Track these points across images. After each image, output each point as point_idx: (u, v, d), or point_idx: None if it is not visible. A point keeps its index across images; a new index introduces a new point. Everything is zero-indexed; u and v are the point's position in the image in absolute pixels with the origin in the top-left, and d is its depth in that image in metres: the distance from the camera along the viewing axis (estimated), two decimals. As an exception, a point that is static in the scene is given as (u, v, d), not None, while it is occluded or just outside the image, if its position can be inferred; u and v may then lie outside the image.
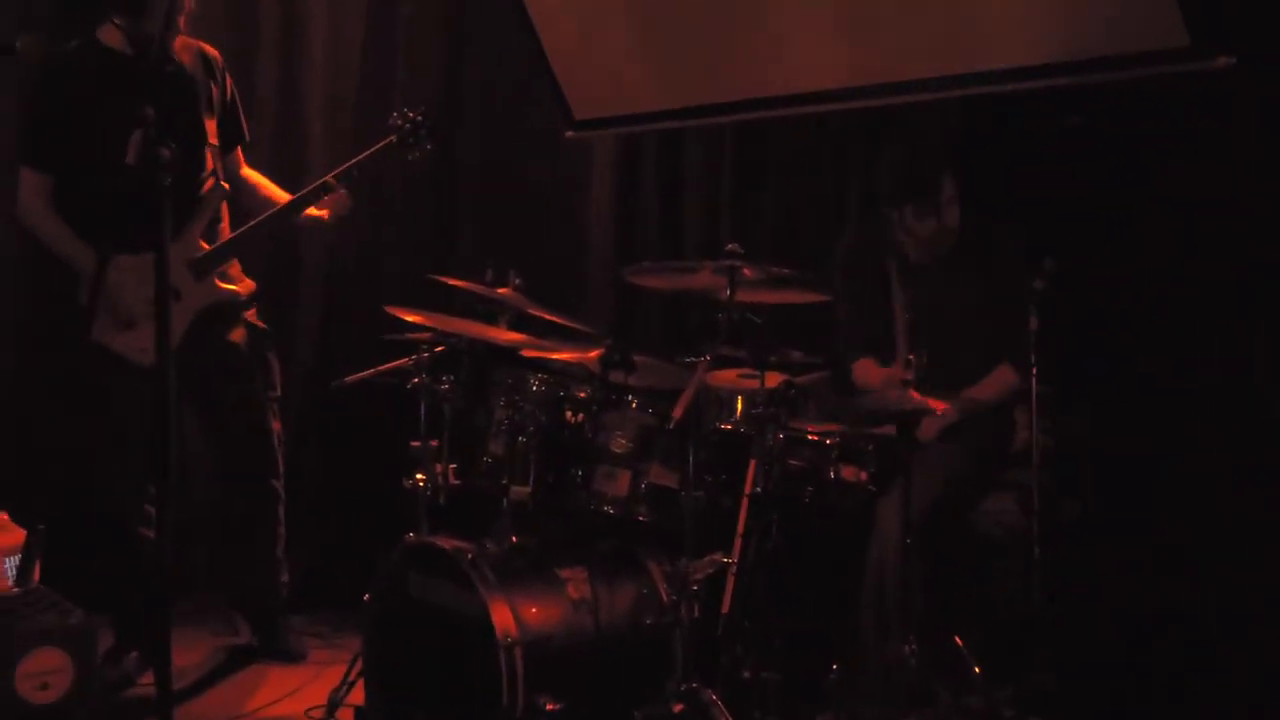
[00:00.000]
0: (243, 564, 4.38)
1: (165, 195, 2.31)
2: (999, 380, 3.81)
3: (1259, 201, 3.69)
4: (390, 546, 3.62)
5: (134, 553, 4.05)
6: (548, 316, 3.95)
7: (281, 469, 4.32)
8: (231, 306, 4.13)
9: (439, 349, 3.96)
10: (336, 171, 4.07)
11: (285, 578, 4.36)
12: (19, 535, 2.97)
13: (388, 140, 4.06)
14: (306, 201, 4.06)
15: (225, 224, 4.16)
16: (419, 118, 4.05)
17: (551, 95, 5.13)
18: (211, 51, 4.12)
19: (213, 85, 4.05)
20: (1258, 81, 3.50)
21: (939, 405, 3.39)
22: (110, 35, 3.86)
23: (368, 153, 4.10)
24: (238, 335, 4.14)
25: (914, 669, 3.45)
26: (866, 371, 4.01)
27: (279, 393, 4.32)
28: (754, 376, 3.63)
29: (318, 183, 4.07)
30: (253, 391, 4.18)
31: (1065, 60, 3.79)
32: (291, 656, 4.35)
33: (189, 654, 4.26)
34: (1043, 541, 3.30)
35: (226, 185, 4.05)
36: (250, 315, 4.22)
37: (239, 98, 4.25)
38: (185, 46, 4.02)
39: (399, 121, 4.06)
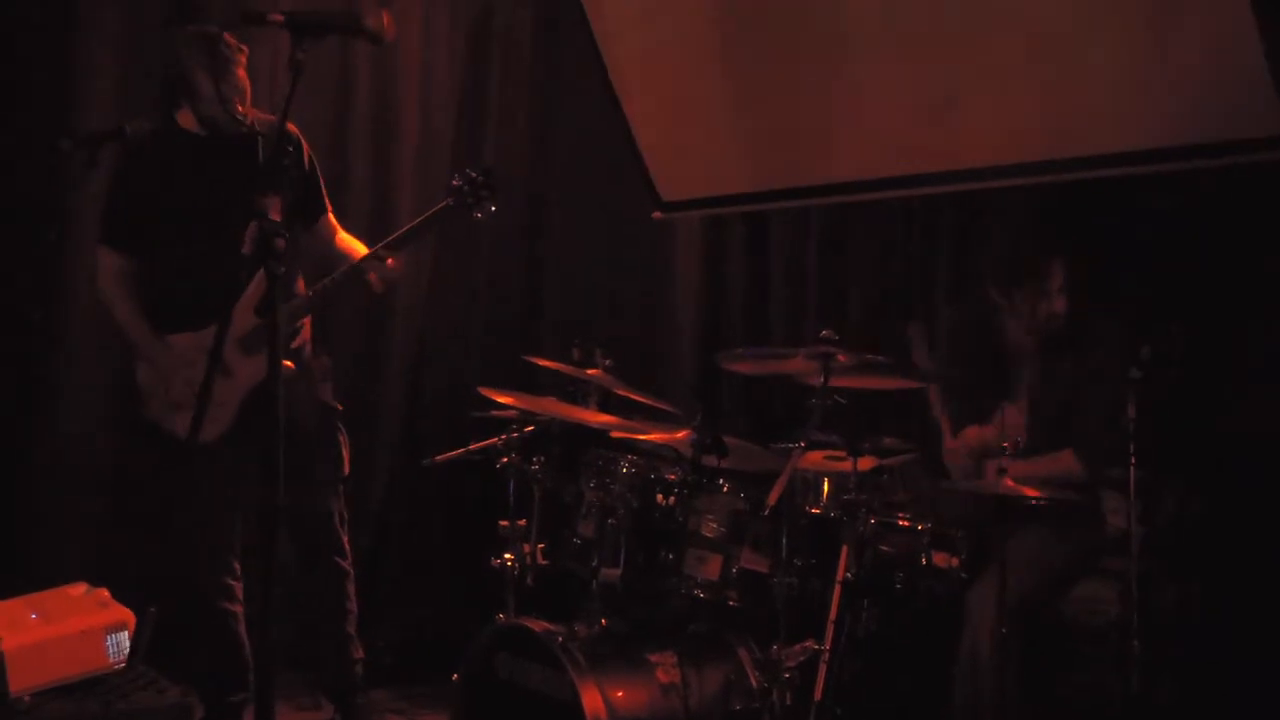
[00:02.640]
0: (316, 642, 4.27)
1: (278, 284, 2.33)
2: (1058, 463, 3.73)
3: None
4: (477, 625, 3.63)
5: (219, 629, 4.07)
6: (635, 397, 3.97)
7: (347, 548, 4.20)
8: (292, 383, 3.97)
9: (528, 429, 3.99)
10: (388, 241, 3.88)
11: (359, 654, 4.32)
12: (120, 613, 3.00)
13: (443, 204, 3.82)
14: (360, 269, 3.87)
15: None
16: (478, 176, 3.83)
17: (639, 177, 5.17)
18: (290, 129, 4.13)
19: (285, 159, 4.05)
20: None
21: (1033, 492, 3.34)
22: (186, 119, 3.94)
23: (421, 219, 3.90)
24: (301, 411, 4.01)
25: (1006, 759, 3.42)
26: (974, 436, 3.96)
27: (347, 472, 4.19)
28: (841, 459, 3.62)
29: (372, 251, 3.89)
30: (312, 471, 4.01)
31: (1164, 145, 3.79)
32: None
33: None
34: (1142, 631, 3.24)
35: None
36: (324, 392, 4.14)
37: (320, 171, 4.18)
38: (259, 123, 4.00)
39: (457, 182, 3.82)
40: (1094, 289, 3.91)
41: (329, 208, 4.16)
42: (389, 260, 3.84)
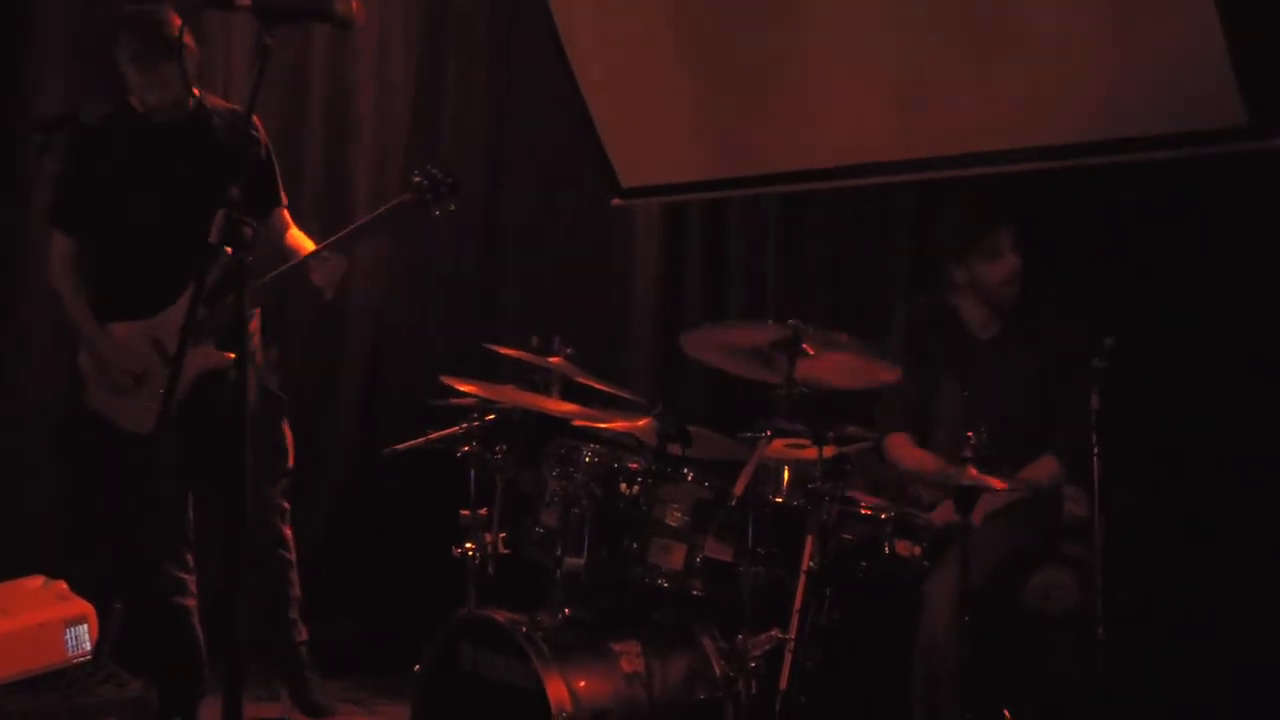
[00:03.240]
0: (263, 630, 4.23)
1: (246, 273, 2.30)
2: (1042, 469, 3.78)
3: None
4: (437, 615, 3.61)
5: (171, 620, 4.03)
6: (596, 385, 3.95)
7: (289, 537, 4.23)
8: (231, 373, 3.93)
9: (489, 417, 3.97)
10: (340, 235, 3.83)
11: (304, 637, 4.31)
12: (79, 606, 2.96)
13: (402, 200, 3.80)
14: (302, 266, 3.82)
15: None
16: (441, 175, 3.80)
17: (598, 163, 5.16)
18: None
19: (247, 150, 4.00)
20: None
21: (998, 483, 3.36)
22: (137, 100, 3.88)
23: (378, 213, 3.88)
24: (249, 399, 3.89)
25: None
26: (899, 449, 3.98)
27: (291, 464, 4.21)
28: (802, 446, 3.62)
29: (318, 250, 3.86)
30: (260, 462, 3.99)
31: (1122, 137, 3.81)
32: (318, 710, 4.29)
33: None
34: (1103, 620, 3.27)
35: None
36: (270, 382, 4.13)
37: (277, 160, 4.13)
38: (216, 110, 3.95)
39: (418, 179, 3.78)
40: (1049, 281, 3.95)
41: (284, 201, 4.11)
42: (332, 259, 3.79)
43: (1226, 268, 3.85)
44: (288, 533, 4.21)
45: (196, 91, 3.86)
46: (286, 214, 4.12)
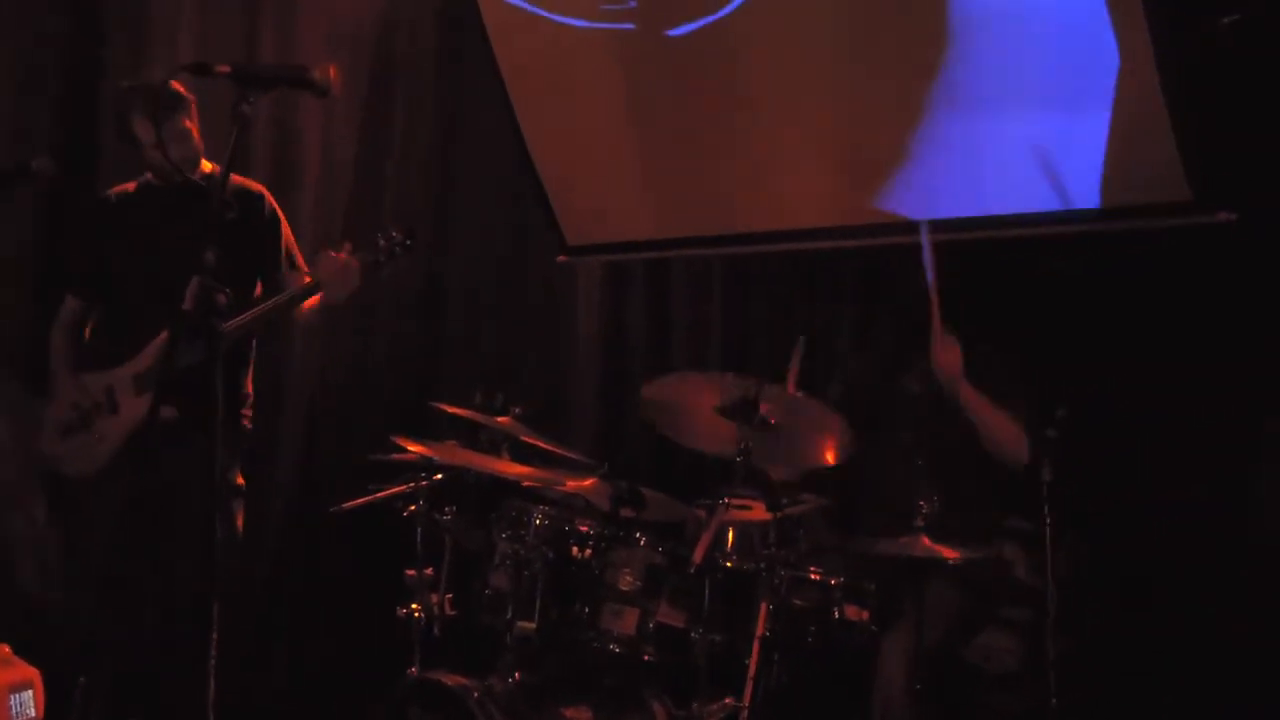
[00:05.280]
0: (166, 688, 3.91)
1: (219, 339, 2.29)
2: (1010, 425, 3.73)
3: (1253, 347, 3.77)
4: (380, 676, 3.58)
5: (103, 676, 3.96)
6: (545, 446, 3.95)
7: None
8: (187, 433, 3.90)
9: (436, 476, 3.94)
10: (278, 298, 3.80)
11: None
12: (24, 670, 2.90)
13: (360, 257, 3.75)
14: (262, 317, 3.77)
15: None
16: (400, 238, 3.82)
17: (544, 221, 5.17)
18: (255, 187, 4.10)
19: (228, 215, 4.00)
20: (1257, 235, 3.59)
21: (950, 553, 3.39)
22: (152, 177, 3.92)
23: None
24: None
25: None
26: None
27: (238, 534, 4.01)
28: (746, 509, 3.64)
29: (275, 299, 3.81)
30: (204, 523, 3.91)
31: (1071, 209, 3.88)
32: None
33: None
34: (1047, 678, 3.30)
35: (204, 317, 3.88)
36: (231, 473, 3.94)
37: (286, 225, 4.14)
38: (205, 177, 3.97)
39: (383, 242, 3.81)
40: (999, 349, 4.00)
41: (301, 266, 4.07)
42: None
43: (1166, 334, 3.93)
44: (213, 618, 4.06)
45: (206, 165, 3.92)
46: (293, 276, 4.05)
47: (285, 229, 4.09)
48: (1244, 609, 3.77)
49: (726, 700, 3.37)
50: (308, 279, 3.81)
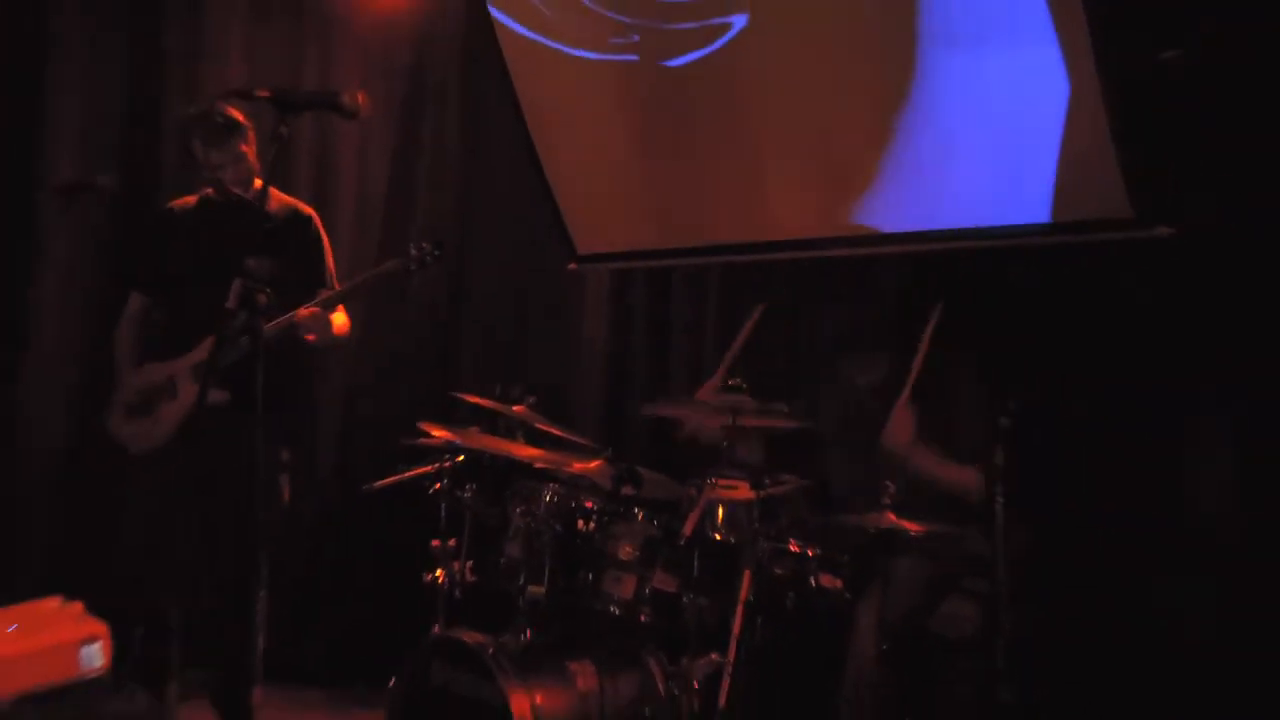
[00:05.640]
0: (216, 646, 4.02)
1: (259, 335, 2.31)
2: (964, 474, 3.75)
3: (1189, 340, 3.77)
4: (408, 635, 3.60)
5: (160, 633, 3.98)
6: (555, 432, 3.97)
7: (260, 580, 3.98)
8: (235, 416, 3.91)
9: (459, 458, 3.96)
10: (327, 295, 3.96)
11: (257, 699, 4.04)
12: (93, 626, 2.90)
13: (393, 265, 3.95)
14: (293, 320, 3.83)
15: None
16: (431, 249, 3.93)
17: (557, 232, 5.18)
18: (303, 208, 4.19)
19: (267, 226, 4.04)
20: (1190, 247, 3.60)
21: (914, 527, 3.40)
22: (212, 192, 4.01)
23: (369, 276, 4.04)
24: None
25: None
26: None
27: (285, 499, 4.12)
28: (733, 488, 3.65)
29: (300, 311, 3.86)
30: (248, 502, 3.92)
31: (1021, 223, 3.88)
32: None
33: None
34: (1002, 646, 3.30)
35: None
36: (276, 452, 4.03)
37: (328, 244, 4.23)
38: (272, 198, 4.07)
39: (415, 252, 3.92)
40: (959, 349, 4.01)
41: (330, 284, 4.13)
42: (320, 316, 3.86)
43: (1108, 336, 3.92)
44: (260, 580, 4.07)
45: (259, 183, 3.97)
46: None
47: (329, 251, 4.17)
48: (1175, 579, 3.77)
49: (713, 657, 3.39)
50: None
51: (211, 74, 4.82)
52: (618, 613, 3.51)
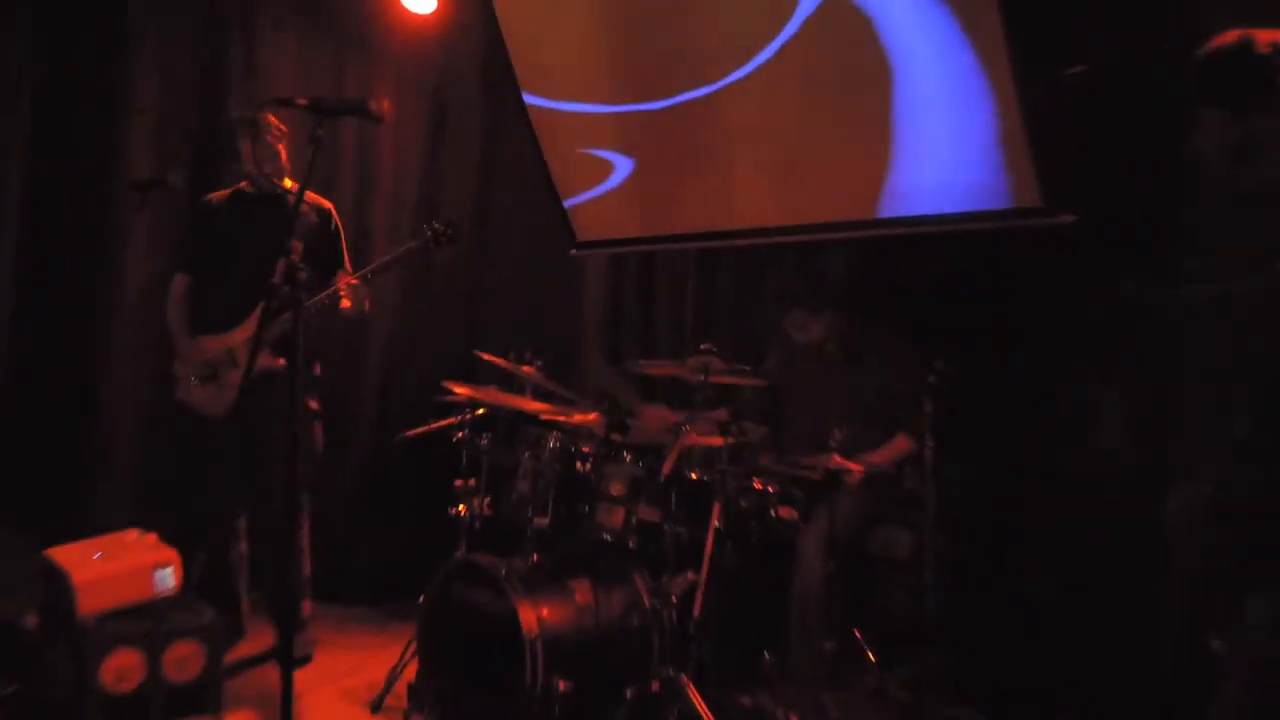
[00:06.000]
0: (271, 569, 4.09)
1: (301, 305, 2.30)
2: (896, 447, 3.84)
3: (1087, 313, 3.77)
4: (436, 560, 3.61)
5: (227, 561, 4.01)
6: (559, 390, 3.98)
7: (305, 513, 4.06)
8: (281, 378, 3.79)
9: (479, 411, 3.97)
10: (366, 270, 3.92)
11: (308, 612, 4.14)
12: (166, 553, 2.93)
13: (411, 246, 3.89)
14: (336, 295, 3.87)
15: None
16: (442, 228, 3.89)
17: (561, 223, 5.16)
18: (323, 202, 4.16)
19: (307, 217, 4.04)
20: (1087, 230, 3.60)
21: (854, 466, 3.42)
22: (246, 185, 4.02)
23: (391, 256, 3.94)
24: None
25: (827, 658, 3.48)
26: None
27: (320, 452, 4.13)
28: (709, 435, 3.66)
29: (346, 282, 3.89)
30: (290, 448, 3.91)
31: (950, 212, 3.86)
32: (295, 661, 3.91)
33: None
34: (930, 565, 3.32)
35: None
36: (308, 399, 4.06)
37: (344, 233, 4.20)
38: (292, 191, 4.06)
39: (428, 232, 3.90)
40: (891, 318, 4.02)
41: (348, 267, 4.15)
42: (342, 291, 3.85)
43: (1023, 303, 3.93)
44: (305, 514, 4.07)
45: (289, 183, 3.99)
46: (348, 276, 4.10)
47: (344, 238, 4.17)
48: (1081, 505, 3.78)
49: (689, 575, 3.41)
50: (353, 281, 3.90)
51: (267, 88, 4.78)
52: (609, 539, 3.53)
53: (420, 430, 4.11)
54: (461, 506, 3.81)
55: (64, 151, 4.44)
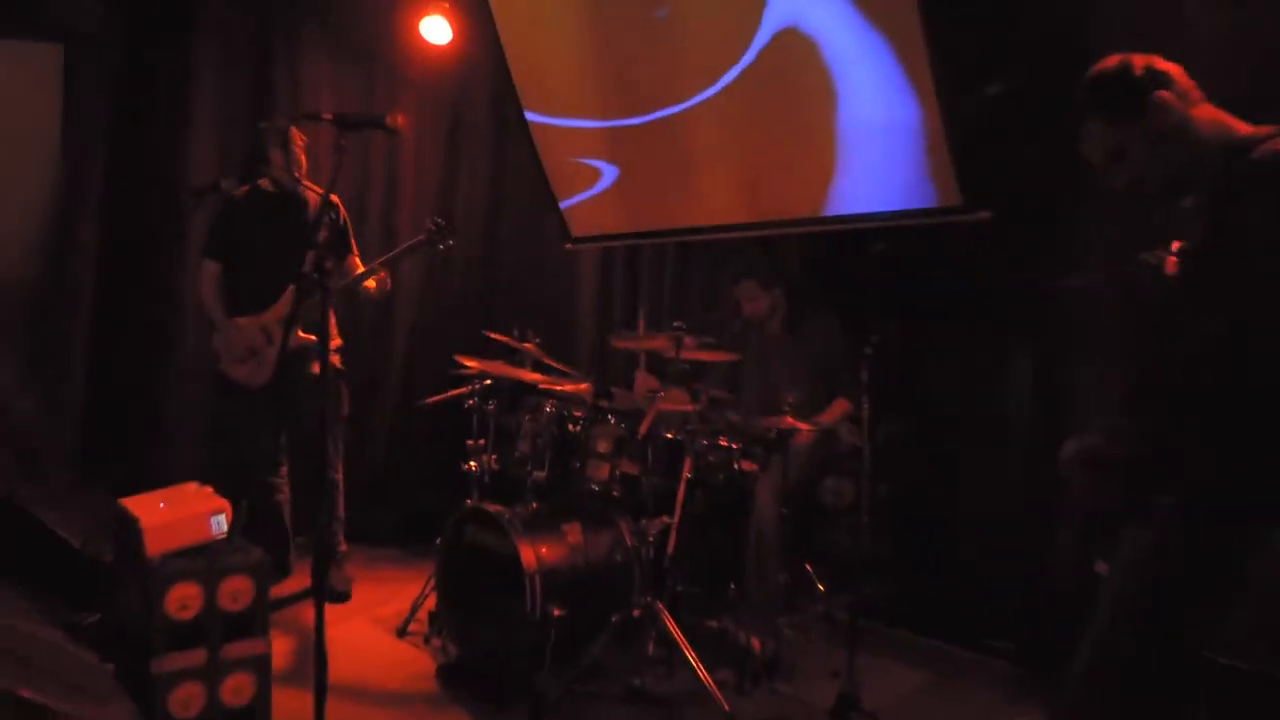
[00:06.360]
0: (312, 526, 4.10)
1: (329, 293, 2.27)
2: (839, 408, 3.83)
3: (1001, 294, 3.75)
4: (451, 508, 3.60)
5: (273, 514, 4.00)
6: (554, 364, 3.95)
7: (339, 463, 4.01)
8: (312, 350, 3.84)
9: (487, 381, 3.95)
10: (381, 260, 3.81)
11: (341, 543, 4.09)
12: (219, 502, 2.89)
13: (418, 239, 3.75)
14: (360, 280, 3.81)
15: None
16: (441, 222, 3.77)
17: (558, 221, 5.13)
18: (331, 197, 4.06)
19: (327, 216, 3.98)
20: (1001, 224, 3.57)
21: (803, 426, 3.40)
22: (265, 183, 3.92)
23: (404, 246, 3.82)
24: (317, 370, 3.92)
25: (782, 588, 3.48)
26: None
27: (346, 412, 4.06)
28: (684, 402, 3.64)
29: (368, 268, 3.81)
30: (322, 409, 3.85)
31: (883, 210, 3.83)
32: (336, 597, 4.01)
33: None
34: (868, 509, 3.31)
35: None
36: (334, 359, 4.01)
37: (350, 224, 4.11)
38: (310, 190, 3.98)
39: (429, 226, 3.76)
40: (831, 299, 3.99)
41: (355, 251, 4.09)
42: (381, 273, 3.81)
43: (946, 288, 3.91)
44: (339, 461, 4.04)
45: (308, 183, 3.93)
46: (355, 259, 4.09)
47: (351, 230, 4.09)
48: (998, 459, 3.78)
49: (664, 519, 3.39)
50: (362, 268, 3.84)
51: (306, 104, 4.73)
52: (597, 489, 3.52)
53: (437, 398, 4.09)
54: (472, 462, 3.80)
55: (138, 162, 4.40)
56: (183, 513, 2.79)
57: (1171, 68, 1.92)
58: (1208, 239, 1.74)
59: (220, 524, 2.84)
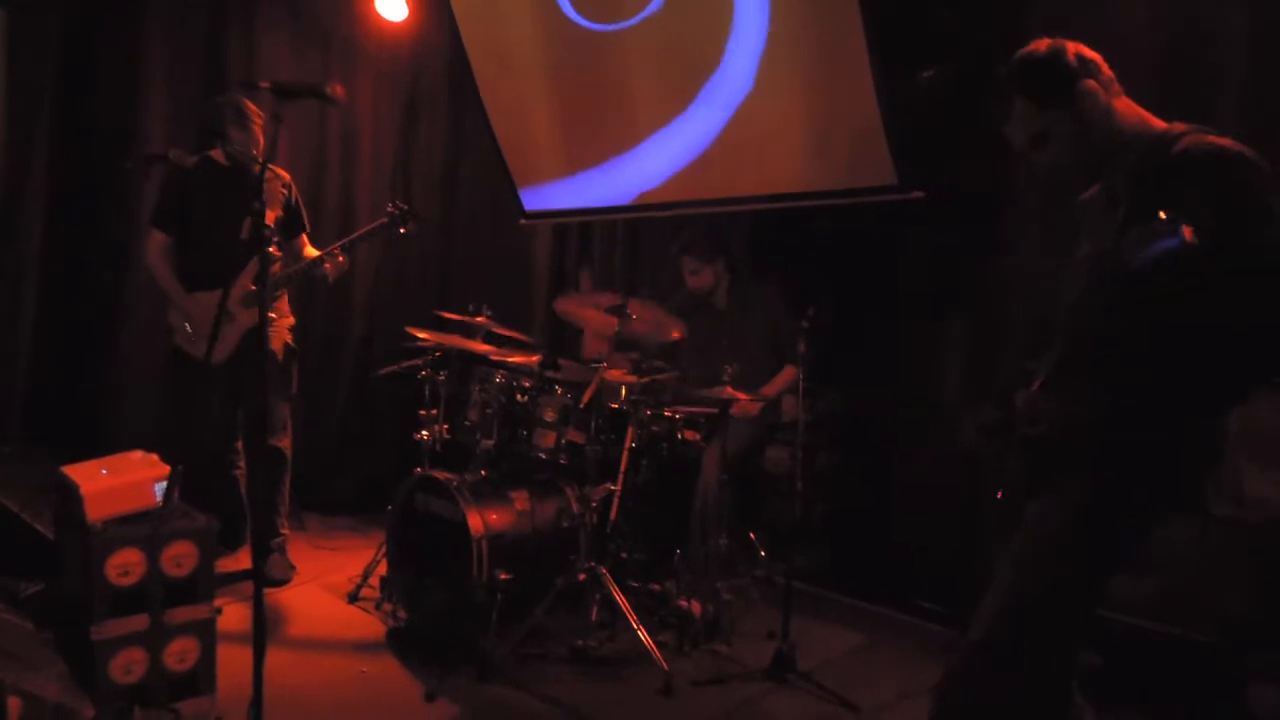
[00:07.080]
0: (252, 504, 3.91)
1: (267, 257, 2.18)
2: (787, 375, 3.79)
3: (937, 272, 3.75)
4: (403, 475, 3.53)
5: (230, 487, 3.90)
6: (505, 333, 3.88)
7: (286, 439, 3.86)
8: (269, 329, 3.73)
9: (438, 353, 3.87)
10: (340, 243, 3.72)
11: (283, 525, 3.89)
12: (164, 469, 2.80)
13: (379, 222, 3.70)
14: (318, 263, 3.69)
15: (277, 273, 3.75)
16: (405, 207, 3.71)
17: (512, 197, 5.03)
18: (283, 174, 3.93)
19: (280, 192, 3.86)
20: (935, 205, 3.56)
21: (743, 396, 3.38)
22: (218, 154, 3.75)
23: (364, 230, 3.75)
24: (275, 347, 3.77)
25: (724, 554, 3.47)
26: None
27: (294, 390, 3.91)
28: (630, 374, 3.61)
29: (325, 252, 3.72)
30: (275, 387, 3.78)
31: (821, 189, 3.80)
32: (271, 582, 3.78)
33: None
34: (804, 477, 3.31)
35: (274, 251, 3.62)
36: (288, 337, 3.87)
37: (303, 203, 3.96)
38: (270, 170, 3.82)
39: (391, 209, 3.71)
40: (772, 274, 3.97)
41: (306, 229, 3.95)
42: (340, 257, 3.70)
43: (883, 263, 3.90)
44: (287, 435, 3.88)
45: (261, 157, 3.73)
46: (306, 238, 3.95)
47: (303, 205, 3.96)
48: (932, 430, 3.79)
49: (608, 486, 3.36)
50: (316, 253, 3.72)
51: (261, 76, 4.58)
52: (544, 457, 3.47)
53: (390, 369, 4.01)
54: (424, 432, 3.73)
55: (86, 132, 4.24)
56: (125, 479, 2.70)
57: (1096, 57, 1.90)
58: (1125, 227, 1.73)
59: (163, 490, 2.75)
